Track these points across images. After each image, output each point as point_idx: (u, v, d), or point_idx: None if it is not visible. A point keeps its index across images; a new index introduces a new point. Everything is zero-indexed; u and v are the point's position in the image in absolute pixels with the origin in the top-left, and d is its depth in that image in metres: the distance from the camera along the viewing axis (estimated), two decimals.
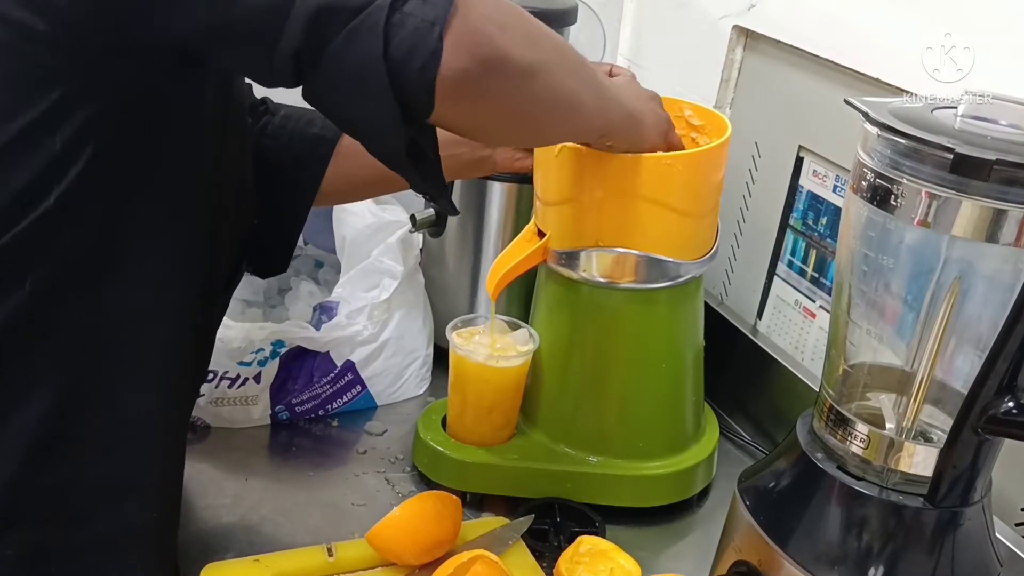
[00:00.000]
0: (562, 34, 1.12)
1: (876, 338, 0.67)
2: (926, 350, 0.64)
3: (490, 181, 1.11)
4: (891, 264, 0.63)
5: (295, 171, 0.89)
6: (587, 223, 0.89)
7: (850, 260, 0.67)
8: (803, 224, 1.10)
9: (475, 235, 1.15)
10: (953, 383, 0.66)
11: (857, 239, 0.65)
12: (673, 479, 0.98)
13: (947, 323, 0.62)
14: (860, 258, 0.65)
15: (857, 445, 0.68)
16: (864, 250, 0.64)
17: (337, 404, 1.06)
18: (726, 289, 1.24)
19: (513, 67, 0.61)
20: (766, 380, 1.12)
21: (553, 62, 0.66)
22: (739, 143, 1.17)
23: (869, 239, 0.64)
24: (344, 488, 0.98)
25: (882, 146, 0.61)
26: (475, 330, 0.99)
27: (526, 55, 0.62)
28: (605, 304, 0.93)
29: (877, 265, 0.64)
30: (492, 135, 0.74)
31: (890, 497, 0.67)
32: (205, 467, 0.98)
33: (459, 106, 0.60)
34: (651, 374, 0.97)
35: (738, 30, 1.16)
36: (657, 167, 0.85)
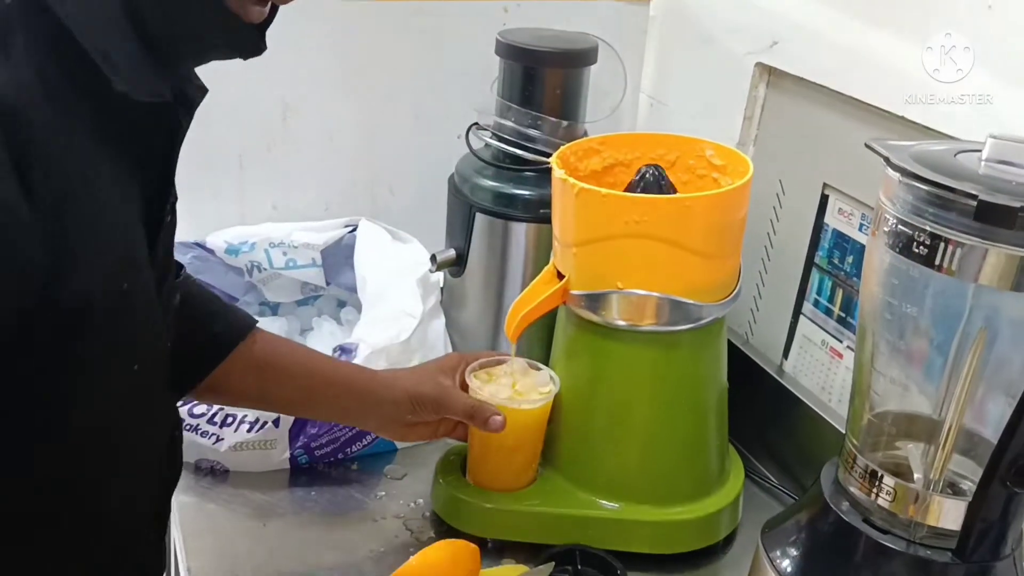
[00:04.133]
0: (584, 74, 1.12)
1: (901, 387, 0.65)
2: (953, 400, 0.62)
3: (511, 221, 1.10)
4: (915, 312, 0.61)
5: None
6: (606, 265, 0.88)
7: (873, 307, 0.65)
8: (829, 263, 1.08)
9: (497, 275, 1.14)
10: (983, 432, 0.65)
11: (880, 286, 0.63)
12: (697, 525, 0.96)
13: (974, 372, 0.60)
14: (883, 305, 0.64)
15: (883, 498, 0.66)
16: (887, 298, 0.63)
17: (357, 448, 1.06)
18: (751, 328, 1.22)
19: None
20: (792, 422, 1.10)
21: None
22: (763, 181, 1.16)
23: (892, 286, 0.62)
24: (362, 533, 0.96)
25: (904, 192, 0.60)
26: (495, 372, 0.98)
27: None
28: (626, 347, 0.92)
29: (901, 313, 0.62)
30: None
31: (918, 552, 0.65)
32: (224, 512, 0.98)
33: None
34: (673, 417, 0.95)
35: (761, 67, 1.15)
36: (676, 209, 0.84)
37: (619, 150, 1.00)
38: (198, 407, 1.01)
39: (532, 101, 1.09)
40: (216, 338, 0.85)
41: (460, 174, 1.15)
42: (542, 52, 1.08)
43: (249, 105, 1.19)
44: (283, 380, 0.89)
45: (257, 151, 1.23)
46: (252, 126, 1.22)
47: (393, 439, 0.99)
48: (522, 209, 1.10)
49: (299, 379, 0.90)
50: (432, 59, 1.27)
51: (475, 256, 1.14)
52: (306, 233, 1.21)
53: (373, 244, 1.19)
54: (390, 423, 0.94)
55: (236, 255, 1.19)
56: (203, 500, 0.99)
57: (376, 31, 1.24)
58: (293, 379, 0.90)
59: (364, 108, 1.27)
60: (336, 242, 1.21)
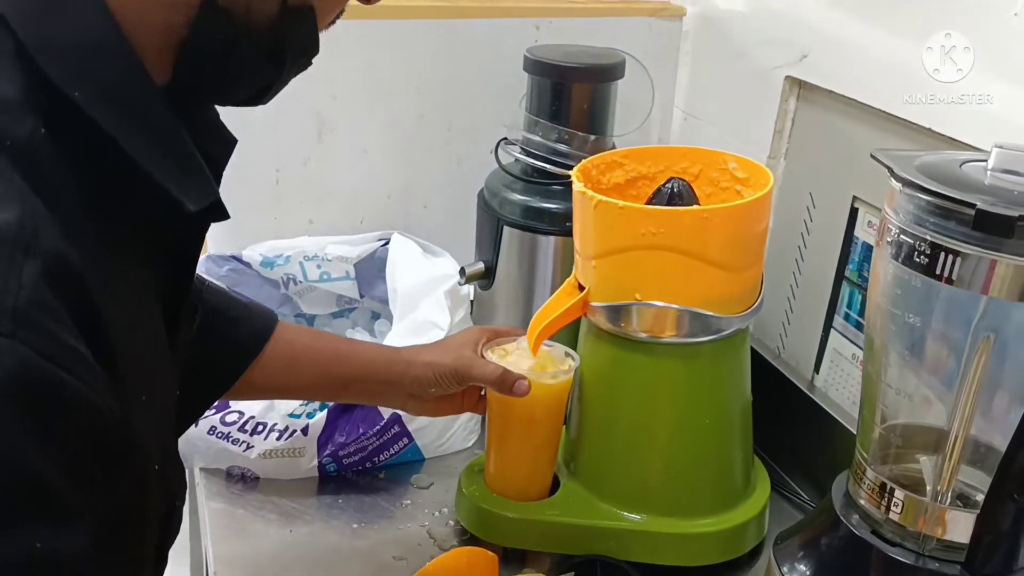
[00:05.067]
0: (610, 89, 1.13)
1: (908, 398, 0.64)
2: (959, 410, 0.61)
3: (539, 235, 1.12)
4: (918, 322, 0.61)
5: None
6: (625, 277, 0.89)
7: (879, 318, 0.65)
8: (859, 276, 1.07)
9: (525, 287, 1.15)
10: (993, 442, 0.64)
11: (885, 296, 0.63)
12: (721, 537, 0.96)
13: (978, 381, 0.60)
14: (888, 316, 0.63)
15: (893, 511, 0.66)
16: (891, 308, 0.63)
17: (384, 456, 1.07)
18: (783, 342, 1.21)
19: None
20: (824, 437, 1.08)
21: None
22: (793, 194, 1.15)
23: (896, 296, 0.62)
24: (387, 541, 0.98)
25: (906, 201, 0.60)
26: (509, 348, 0.97)
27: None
28: (647, 359, 0.92)
29: (904, 323, 0.62)
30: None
31: (928, 565, 0.64)
32: (253, 518, 1.00)
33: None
34: (696, 429, 0.95)
35: (791, 80, 1.15)
36: (694, 221, 0.85)
37: (642, 163, 1.00)
38: (229, 415, 1.03)
39: (560, 116, 1.11)
40: (240, 346, 0.86)
41: (489, 188, 1.16)
42: (568, 67, 1.09)
43: (286, 121, 1.22)
44: (307, 370, 0.91)
45: (293, 166, 1.26)
46: (289, 142, 1.24)
47: (420, 414, 0.99)
48: (549, 222, 1.11)
49: (322, 366, 0.92)
50: (464, 76, 1.29)
51: (503, 269, 1.15)
52: (340, 246, 1.23)
53: (405, 257, 1.21)
54: (415, 399, 0.94)
55: (272, 268, 1.22)
56: (233, 506, 1.02)
57: (409, 49, 1.26)
58: (316, 367, 0.91)
59: (397, 124, 1.29)
60: (369, 255, 1.24)
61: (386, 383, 0.93)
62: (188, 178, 0.53)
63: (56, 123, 0.49)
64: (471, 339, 0.95)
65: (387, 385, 0.93)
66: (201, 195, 0.54)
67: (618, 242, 0.88)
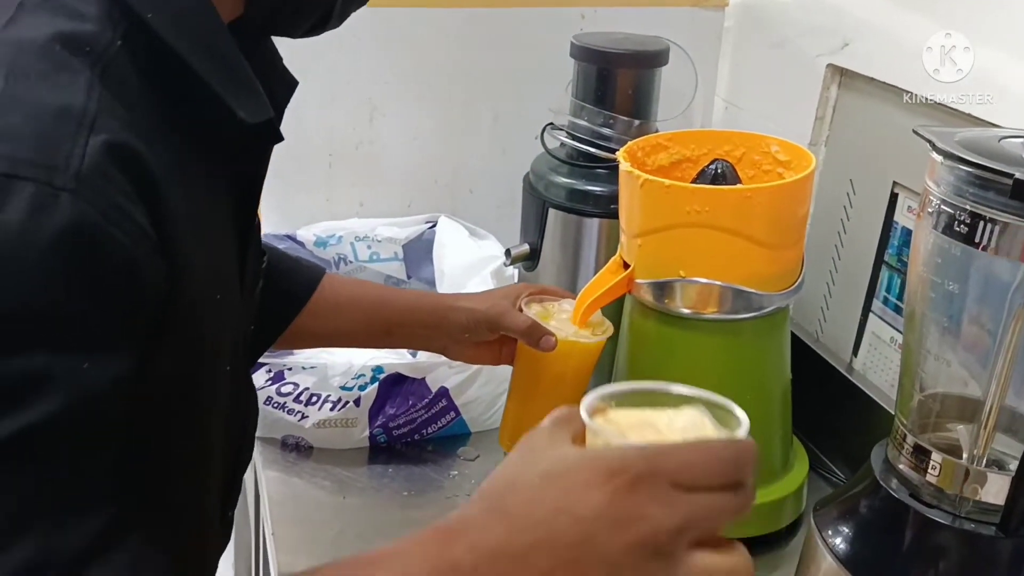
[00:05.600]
0: (655, 75, 1.15)
1: (947, 365, 0.67)
2: (996, 377, 0.64)
3: (583, 217, 1.15)
4: (957, 290, 0.63)
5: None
6: (669, 254, 0.92)
7: (919, 287, 0.67)
8: (898, 260, 1.09)
9: (569, 269, 1.18)
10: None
11: (924, 266, 0.66)
12: (759, 511, 0.98)
13: (1015, 348, 0.62)
14: (928, 285, 0.66)
15: (931, 474, 0.68)
16: (931, 276, 0.65)
17: (432, 429, 1.11)
18: (821, 327, 1.23)
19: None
20: (862, 419, 1.10)
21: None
22: (834, 180, 1.17)
23: (936, 265, 0.64)
24: (435, 510, 1.02)
25: (947, 173, 0.62)
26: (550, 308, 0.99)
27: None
28: (689, 335, 0.95)
29: (944, 291, 0.64)
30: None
31: (964, 526, 0.66)
32: (307, 485, 1.04)
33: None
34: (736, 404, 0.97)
35: (832, 68, 1.17)
36: (737, 199, 0.87)
37: (686, 146, 1.03)
38: (285, 386, 1.07)
39: (605, 101, 1.14)
40: (291, 294, 0.92)
41: (535, 172, 1.19)
42: (615, 54, 1.12)
43: (339, 106, 1.26)
44: (353, 316, 0.96)
45: (346, 150, 1.30)
46: (341, 127, 1.29)
47: (459, 359, 1.02)
48: (594, 205, 1.14)
49: (367, 312, 0.97)
50: (510, 63, 1.33)
51: (548, 250, 1.18)
52: (389, 228, 1.27)
53: (451, 239, 1.24)
54: (453, 343, 0.98)
55: (324, 248, 1.26)
56: (288, 474, 1.06)
57: (458, 37, 1.30)
58: (362, 313, 0.96)
59: (445, 110, 1.33)
60: (417, 237, 1.28)
61: (428, 327, 0.97)
62: (246, 96, 0.59)
63: (131, 40, 0.54)
64: (513, 292, 0.99)
65: (429, 329, 0.97)
66: (258, 111, 0.59)
67: (663, 220, 0.90)
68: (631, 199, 0.93)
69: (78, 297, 0.48)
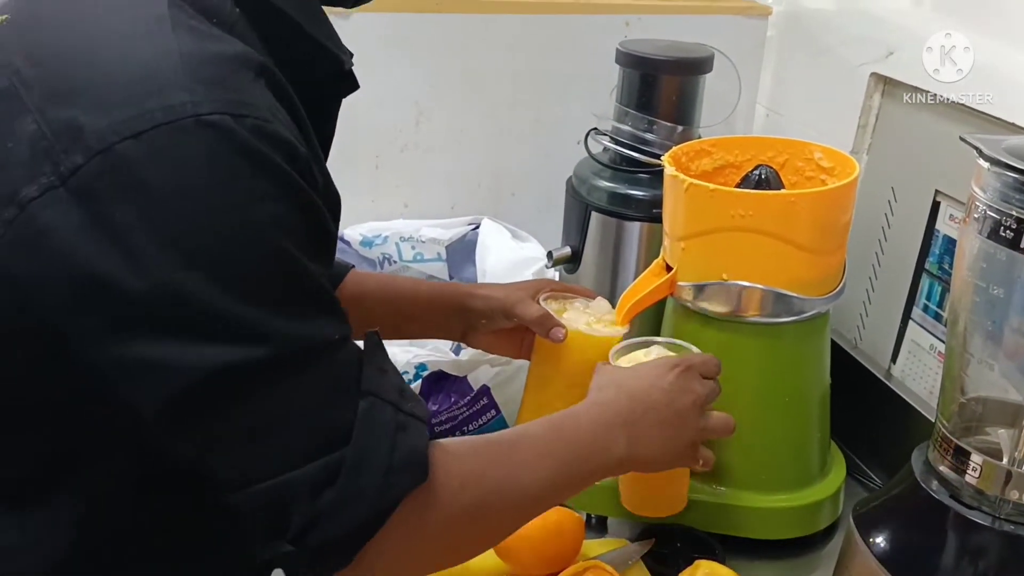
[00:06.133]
0: (699, 82, 1.17)
1: (989, 369, 0.68)
2: None
3: (625, 220, 1.16)
4: (1002, 295, 0.64)
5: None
6: (712, 258, 0.93)
7: (963, 292, 0.68)
8: (939, 268, 1.10)
9: (610, 272, 1.20)
10: None
11: (969, 270, 0.67)
12: (796, 513, 0.99)
13: None
14: (972, 289, 0.67)
15: (971, 475, 0.69)
16: (977, 281, 0.66)
17: (473, 427, 1.13)
18: (860, 333, 1.24)
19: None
20: (900, 426, 1.11)
21: (500, 488, 0.68)
22: (876, 188, 1.18)
23: (981, 270, 0.65)
24: None
25: (994, 180, 0.63)
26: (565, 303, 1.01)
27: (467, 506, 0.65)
28: (730, 337, 0.96)
29: (989, 296, 0.65)
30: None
31: (1003, 527, 0.67)
32: None
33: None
34: (776, 407, 0.98)
35: (876, 77, 1.18)
36: (781, 204, 0.88)
37: (730, 152, 1.05)
38: None
39: (649, 107, 1.15)
40: None
41: (578, 176, 1.21)
42: (659, 60, 1.14)
43: (386, 109, 1.29)
44: (373, 308, 0.98)
45: (392, 152, 1.32)
46: (388, 129, 1.31)
47: (478, 347, 1.04)
48: (635, 209, 1.15)
49: (388, 304, 1.00)
50: (554, 69, 1.35)
51: (590, 253, 1.20)
52: (433, 229, 1.30)
53: (494, 241, 1.26)
54: (471, 330, 1.01)
55: (370, 247, 1.28)
56: None
57: (503, 43, 1.32)
58: (382, 305, 0.99)
59: (490, 114, 1.35)
60: (460, 238, 1.30)
61: (448, 314, 1.00)
62: (337, 47, 0.67)
63: (246, 6, 0.60)
64: (534, 285, 1.02)
65: (449, 316, 1.00)
66: (349, 58, 0.68)
67: (707, 224, 0.92)
68: (676, 203, 0.95)
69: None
